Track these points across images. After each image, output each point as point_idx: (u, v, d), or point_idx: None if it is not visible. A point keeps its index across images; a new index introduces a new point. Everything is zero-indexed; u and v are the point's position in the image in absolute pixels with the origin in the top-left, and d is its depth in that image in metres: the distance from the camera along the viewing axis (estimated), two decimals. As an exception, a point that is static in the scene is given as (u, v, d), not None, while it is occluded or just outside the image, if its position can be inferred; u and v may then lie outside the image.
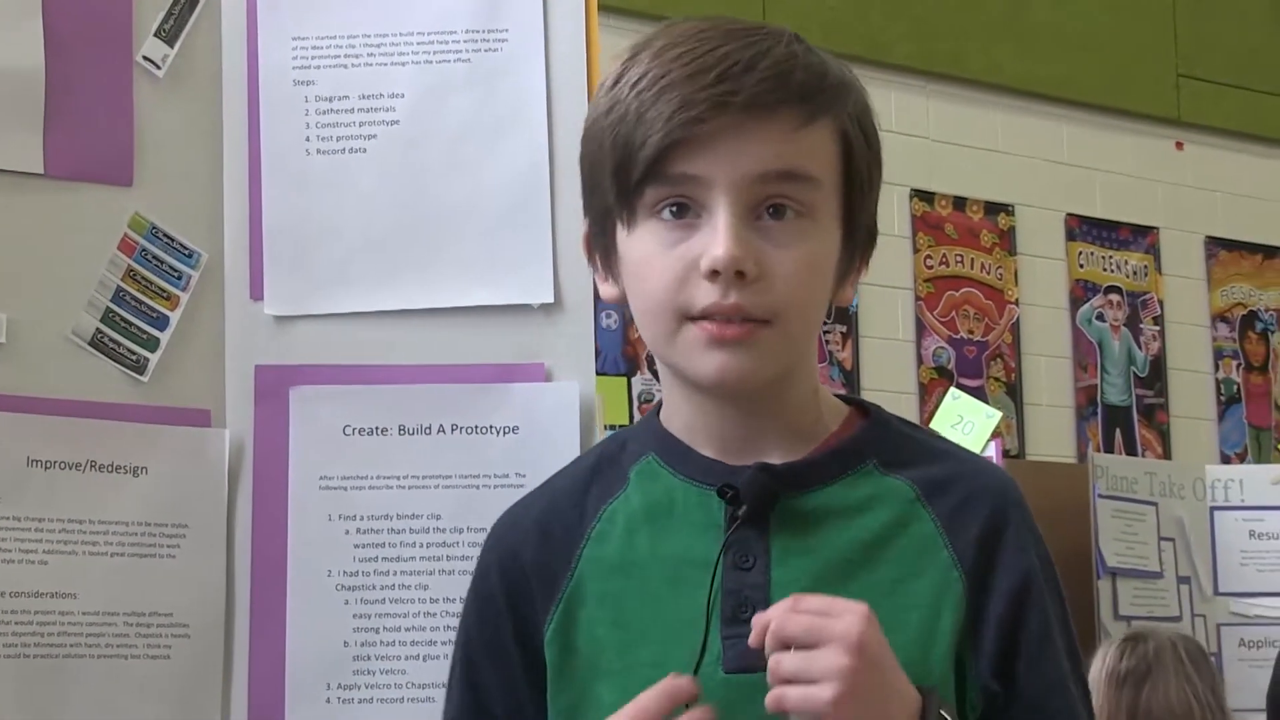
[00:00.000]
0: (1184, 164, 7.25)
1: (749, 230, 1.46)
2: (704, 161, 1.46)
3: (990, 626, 1.51)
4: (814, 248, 1.49)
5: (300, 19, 1.99)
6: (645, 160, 1.47)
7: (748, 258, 1.45)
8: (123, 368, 1.91)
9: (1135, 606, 5.12)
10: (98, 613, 1.86)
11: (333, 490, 1.93)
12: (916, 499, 1.54)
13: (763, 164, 1.47)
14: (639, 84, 1.49)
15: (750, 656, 1.45)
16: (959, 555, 1.51)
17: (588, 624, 1.55)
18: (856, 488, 1.54)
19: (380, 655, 1.90)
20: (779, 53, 1.48)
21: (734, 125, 1.46)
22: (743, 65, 1.46)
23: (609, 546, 1.57)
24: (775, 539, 1.51)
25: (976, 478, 1.57)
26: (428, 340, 1.95)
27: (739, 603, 1.49)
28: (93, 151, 1.92)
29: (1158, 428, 7.01)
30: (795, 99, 1.47)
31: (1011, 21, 6.80)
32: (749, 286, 1.46)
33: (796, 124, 1.48)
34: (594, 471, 1.62)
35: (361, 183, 1.97)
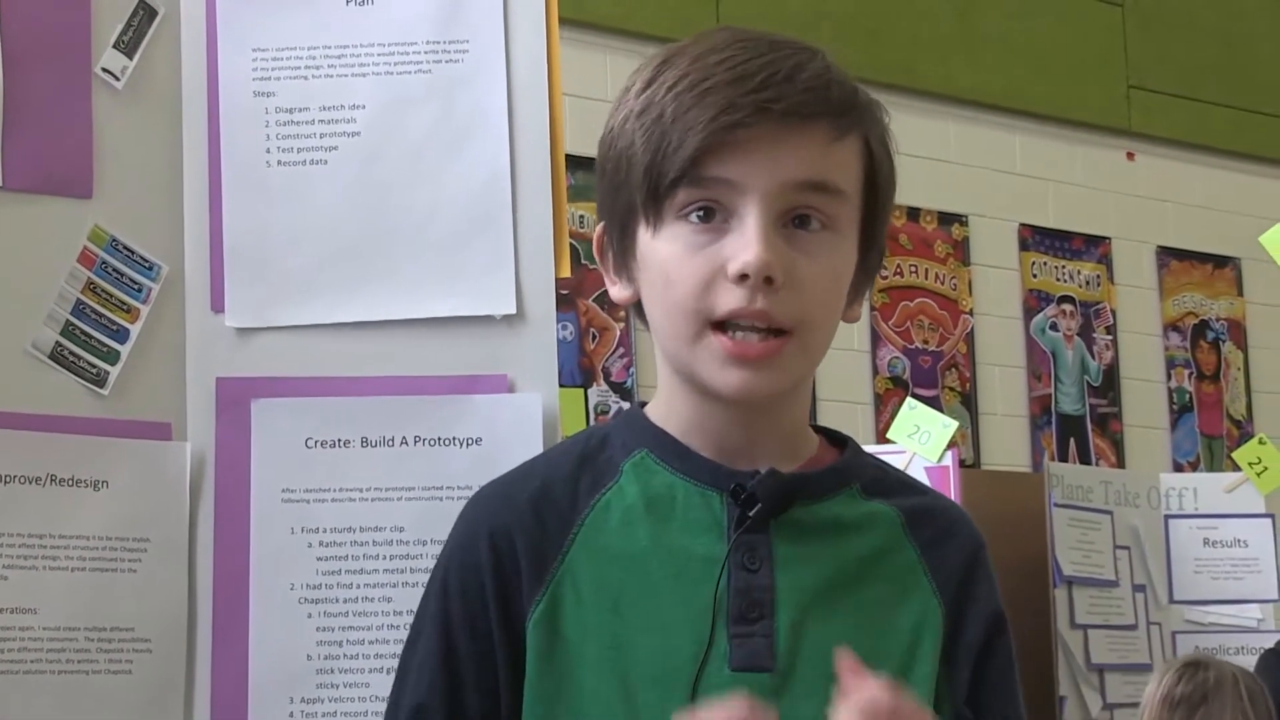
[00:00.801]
0: (1135, 174, 7.29)
1: (777, 237, 1.48)
2: (740, 166, 1.48)
3: (964, 655, 1.56)
4: (836, 260, 1.52)
5: (260, 30, 1.99)
6: (682, 160, 1.48)
7: (778, 264, 1.46)
8: (83, 381, 1.90)
9: (1091, 615, 5.14)
10: (59, 628, 1.85)
11: (295, 503, 1.92)
12: (901, 526, 1.57)
13: (796, 173, 1.48)
14: (676, 86, 1.50)
15: (757, 656, 1.49)
16: (939, 585, 1.56)
17: (577, 610, 1.54)
18: (852, 507, 1.57)
19: (344, 668, 1.90)
20: (816, 66, 1.51)
21: (773, 132, 1.48)
22: (784, 74, 1.48)
23: (605, 536, 1.56)
24: (777, 545, 1.53)
25: (950, 513, 1.63)
26: (390, 352, 1.95)
27: (748, 603, 1.51)
28: (52, 164, 1.91)
29: (1111, 437, 7.04)
30: (832, 112, 1.50)
31: (962, 33, 6.83)
32: (775, 294, 1.47)
33: (831, 137, 1.50)
34: (582, 460, 1.61)
35: (322, 194, 1.97)
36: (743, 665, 1.49)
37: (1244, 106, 7.50)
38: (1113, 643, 5.14)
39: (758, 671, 1.49)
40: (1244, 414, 7.43)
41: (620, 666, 1.52)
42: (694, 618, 1.51)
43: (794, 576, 1.52)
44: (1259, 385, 7.52)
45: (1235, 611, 5.25)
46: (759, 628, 1.50)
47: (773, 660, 1.49)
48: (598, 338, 5.70)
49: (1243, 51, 7.55)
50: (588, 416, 5.67)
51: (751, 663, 1.49)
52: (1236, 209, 7.37)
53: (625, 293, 1.58)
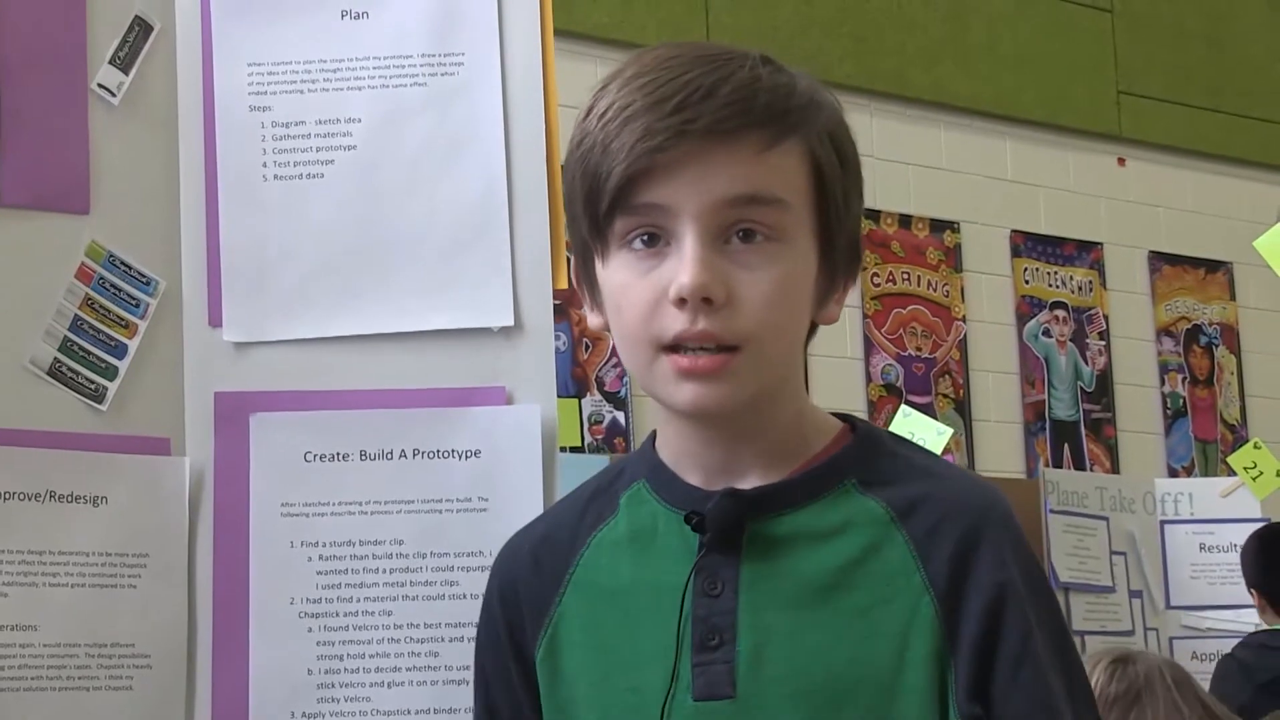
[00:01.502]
0: (1126, 180, 7.29)
1: (717, 255, 1.46)
2: (668, 190, 1.47)
3: (965, 649, 1.48)
4: (785, 270, 1.49)
5: (256, 44, 1.99)
6: (611, 191, 1.47)
7: (714, 283, 1.45)
8: (81, 397, 1.90)
9: (1088, 621, 5.14)
10: (59, 644, 1.84)
11: (294, 517, 1.92)
12: (890, 521, 1.51)
13: (727, 189, 1.46)
14: (605, 114, 1.49)
15: (716, 685, 1.47)
16: (931, 579, 1.49)
17: (571, 649, 1.57)
18: (832, 510, 1.53)
19: (345, 682, 1.89)
20: (742, 77, 1.48)
21: (696, 152, 1.46)
22: (703, 91, 1.46)
23: (596, 573, 1.58)
24: (745, 564, 1.51)
25: (951, 496, 1.53)
26: (388, 365, 1.95)
27: (708, 630, 1.50)
28: (48, 180, 1.91)
29: (1105, 442, 7.04)
30: (758, 122, 1.47)
31: (952, 41, 6.84)
32: (717, 313, 1.46)
33: (760, 147, 1.47)
34: (591, 498, 1.63)
35: (319, 208, 1.96)
36: (703, 695, 1.49)
37: (1234, 111, 7.51)
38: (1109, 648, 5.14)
39: (718, 700, 1.48)
40: (1238, 418, 7.44)
41: (605, 702, 1.54)
42: (663, 649, 1.50)
43: (760, 596, 1.50)
44: (1252, 390, 7.53)
45: (1232, 616, 5.25)
46: (720, 654, 1.49)
47: (732, 687, 1.48)
48: (591, 347, 5.71)
49: (1232, 56, 7.57)
50: (581, 427, 5.68)
51: (711, 691, 1.48)
52: (1228, 214, 7.38)
53: (599, 321, 1.59)
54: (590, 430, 5.68)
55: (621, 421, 5.72)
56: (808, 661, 1.48)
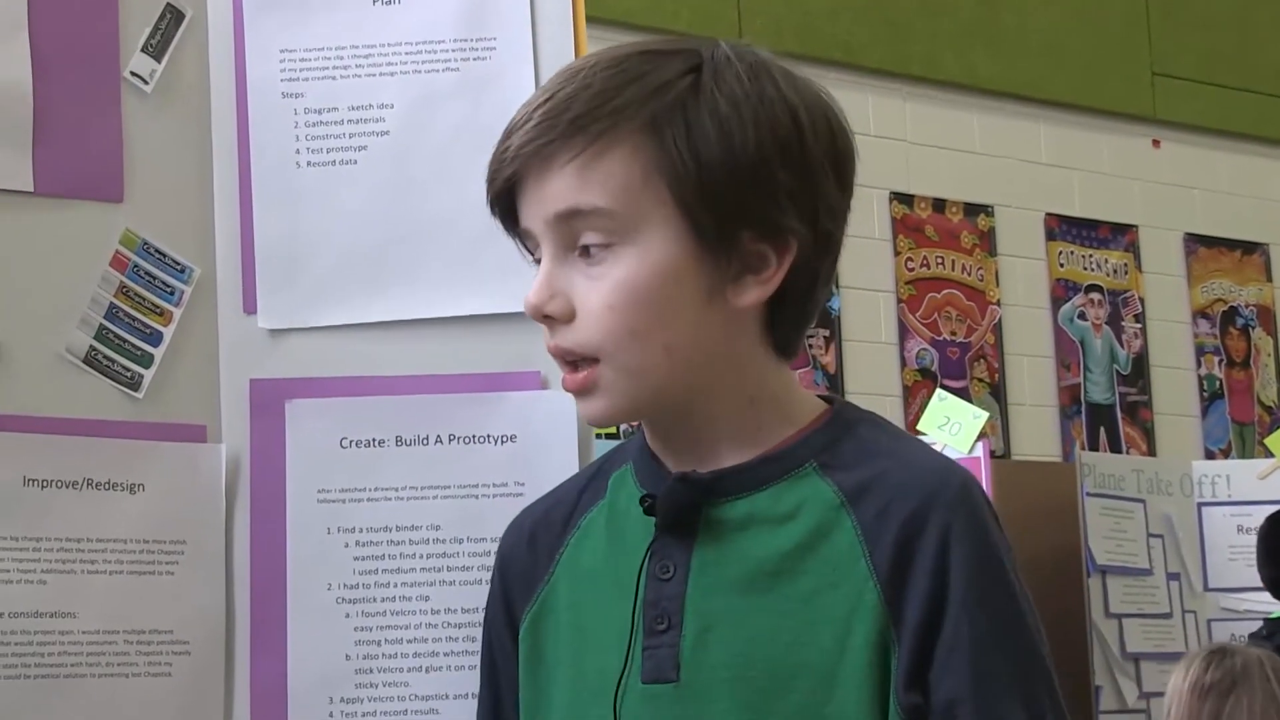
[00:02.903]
0: (1161, 162, 7.26)
1: (565, 269, 1.50)
2: (523, 213, 1.53)
3: (907, 637, 1.45)
4: (626, 274, 1.47)
5: (288, 31, 1.99)
6: (493, 216, 1.58)
7: (552, 300, 1.49)
8: (117, 385, 1.90)
9: (1125, 604, 5.13)
10: (97, 631, 1.85)
11: (331, 503, 1.92)
12: (841, 505, 1.49)
13: (549, 207, 1.50)
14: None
15: (661, 668, 1.49)
16: (875, 564, 1.46)
17: (554, 628, 1.60)
18: (788, 494, 1.51)
19: (383, 668, 1.89)
20: (565, 92, 1.49)
21: (522, 177, 1.51)
22: (522, 119, 1.51)
23: (580, 554, 1.61)
24: (698, 549, 1.51)
25: (902, 478, 1.50)
26: (422, 350, 1.95)
27: (657, 613, 1.51)
28: (82, 168, 1.91)
29: (1141, 425, 7.02)
30: (566, 137, 1.48)
31: (984, 24, 6.82)
32: (563, 328, 1.50)
33: (568, 160, 1.48)
34: (590, 479, 1.65)
35: (352, 194, 1.96)
36: (650, 678, 1.50)
37: (1269, 91, 7.47)
38: (1147, 632, 5.13)
39: (663, 683, 1.49)
40: (1275, 400, 7.41)
41: (575, 682, 1.56)
42: (622, 630, 1.52)
43: (709, 580, 1.50)
44: (1289, 371, 7.50)
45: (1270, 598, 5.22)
46: (666, 638, 1.50)
47: (676, 671, 1.48)
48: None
49: (1267, 36, 7.53)
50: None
51: (657, 674, 1.50)
52: (1264, 195, 7.35)
53: None
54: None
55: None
56: (749, 647, 1.48)
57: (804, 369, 6.05)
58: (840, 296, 6.27)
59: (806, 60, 1.51)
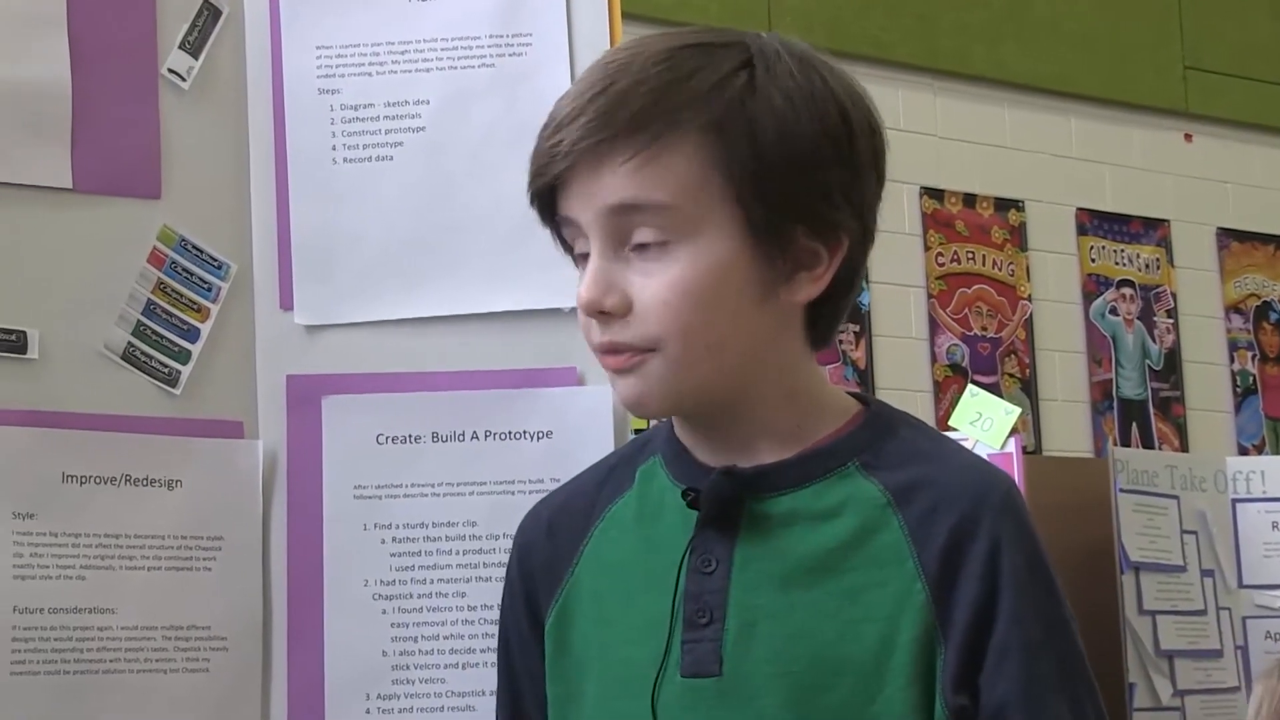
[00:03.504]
0: (1193, 156, 7.23)
1: (618, 264, 1.48)
2: (567, 204, 1.51)
3: (955, 638, 1.46)
4: (685, 269, 1.47)
5: (324, 28, 1.99)
6: (535, 210, 1.55)
7: (608, 295, 1.47)
8: (155, 381, 1.91)
9: (1159, 601, 5.09)
10: (136, 627, 1.86)
11: (367, 499, 1.92)
12: (887, 505, 1.50)
13: (604, 200, 1.48)
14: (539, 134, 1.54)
15: (703, 662, 1.48)
16: (924, 565, 1.47)
17: (580, 621, 1.59)
18: (831, 491, 1.51)
19: (419, 664, 1.90)
20: (619, 86, 1.47)
21: (574, 171, 1.48)
22: (574, 112, 1.48)
23: (605, 546, 1.60)
24: (740, 543, 1.51)
25: (949, 480, 1.51)
26: (459, 346, 1.95)
27: (698, 607, 1.50)
28: (120, 165, 1.92)
29: (1174, 421, 6.99)
30: (626, 131, 1.46)
31: (1014, 17, 6.79)
32: (617, 322, 1.48)
33: (630, 153, 1.46)
34: (610, 471, 1.65)
35: (388, 190, 1.97)
36: (690, 672, 1.49)
37: (1303, 85, 7.44)
38: (1181, 628, 5.09)
39: (704, 677, 1.48)
40: (1309, 395, 7.37)
41: (606, 674, 1.55)
42: (659, 623, 1.51)
43: (752, 575, 1.49)
44: (1323, 366, 7.46)
45: (1307, 595, 5.20)
46: (708, 632, 1.49)
47: (718, 665, 1.48)
48: (656, 330, 5.70)
49: (1300, 30, 7.49)
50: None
51: (698, 669, 1.49)
52: (1298, 189, 7.32)
53: None
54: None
55: (687, 404, 5.71)
56: (794, 642, 1.48)
57: (834, 365, 6.04)
58: (870, 292, 6.26)
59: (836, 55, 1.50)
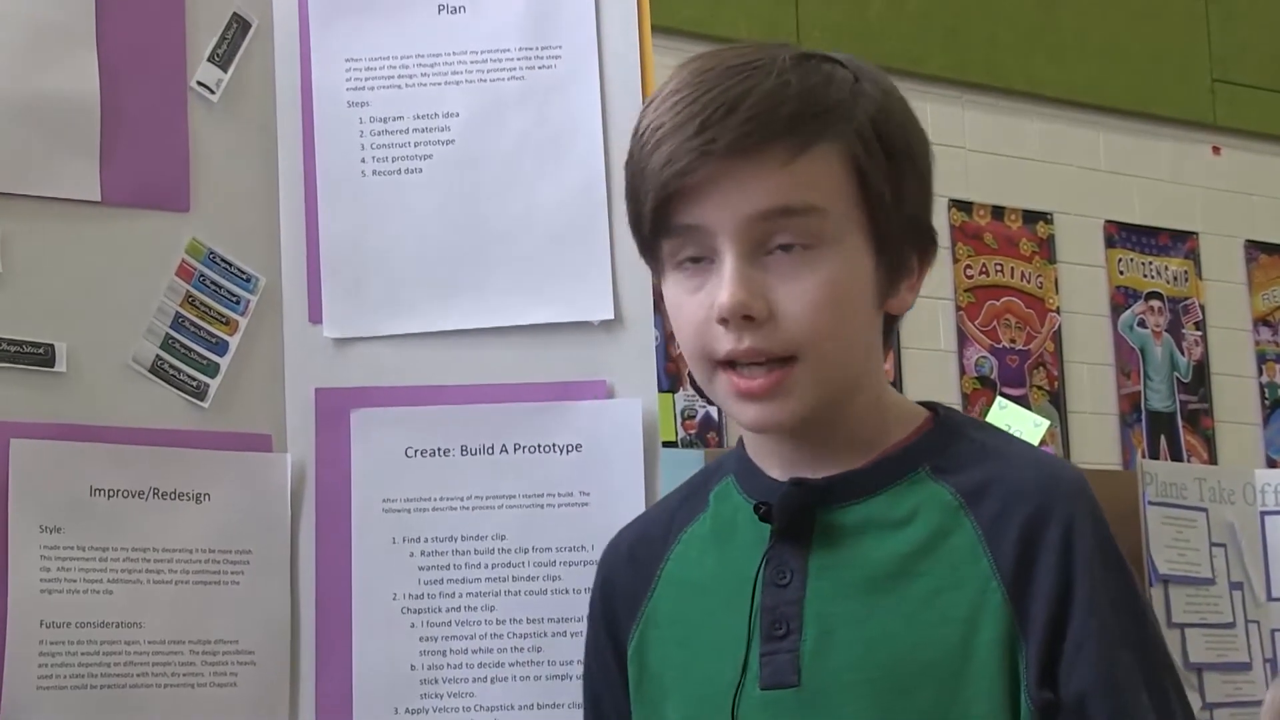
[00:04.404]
0: (1221, 168, 7.21)
1: (757, 270, 1.46)
2: (701, 210, 1.47)
3: (1035, 634, 1.45)
4: (830, 274, 1.47)
5: (353, 40, 1.99)
6: (650, 215, 1.50)
7: (754, 301, 1.45)
8: (183, 394, 1.91)
9: (1188, 614, 5.08)
10: (164, 641, 1.85)
11: (396, 513, 1.92)
12: (959, 507, 1.50)
13: (756, 204, 1.46)
14: (641, 137, 1.51)
15: (781, 673, 1.48)
16: (998, 564, 1.47)
17: (660, 643, 1.60)
18: (902, 498, 1.52)
19: (448, 678, 1.89)
20: (766, 87, 1.47)
21: (721, 171, 1.46)
22: (725, 109, 1.45)
23: (684, 567, 1.60)
24: (814, 554, 1.51)
25: (1018, 478, 1.50)
26: (488, 360, 1.94)
27: (774, 619, 1.51)
28: (149, 178, 1.92)
29: (1202, 433, 6.97)
30: (782, 133, 1.46)
31: (1044, 30, 6.78)
32: (762, 328, 1.46)
33: (786, 158, 1.46)
34: (686, 495, 1.66)
35: (418, 203, 1.96)
36: (769, 684, 1.49)
37: (1331, 97, 7.42)
38: (1210, 641, 5.07)
39: (784, 688, 1.48)
40: (1337, 408, 7.34)
41: (688, 692, 1.55)
42: (737, 638, 1.51)
43: (827, 584, 1.50)
44: (1352, 379, 7.43)
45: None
46: (785, 644, 1.49)
47: (797, 675, 1.48)
48: (683, 343, 5.69)
49: (1329, 42, 7.47)
50: (675, 421, 5.66)
51: (777, 680, 1.49)
52: (1326, 201, 7.29)
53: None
54: (683, 425, 5.67)
55: (715, 416, 5.70)
56: (873, 649, 1.48)
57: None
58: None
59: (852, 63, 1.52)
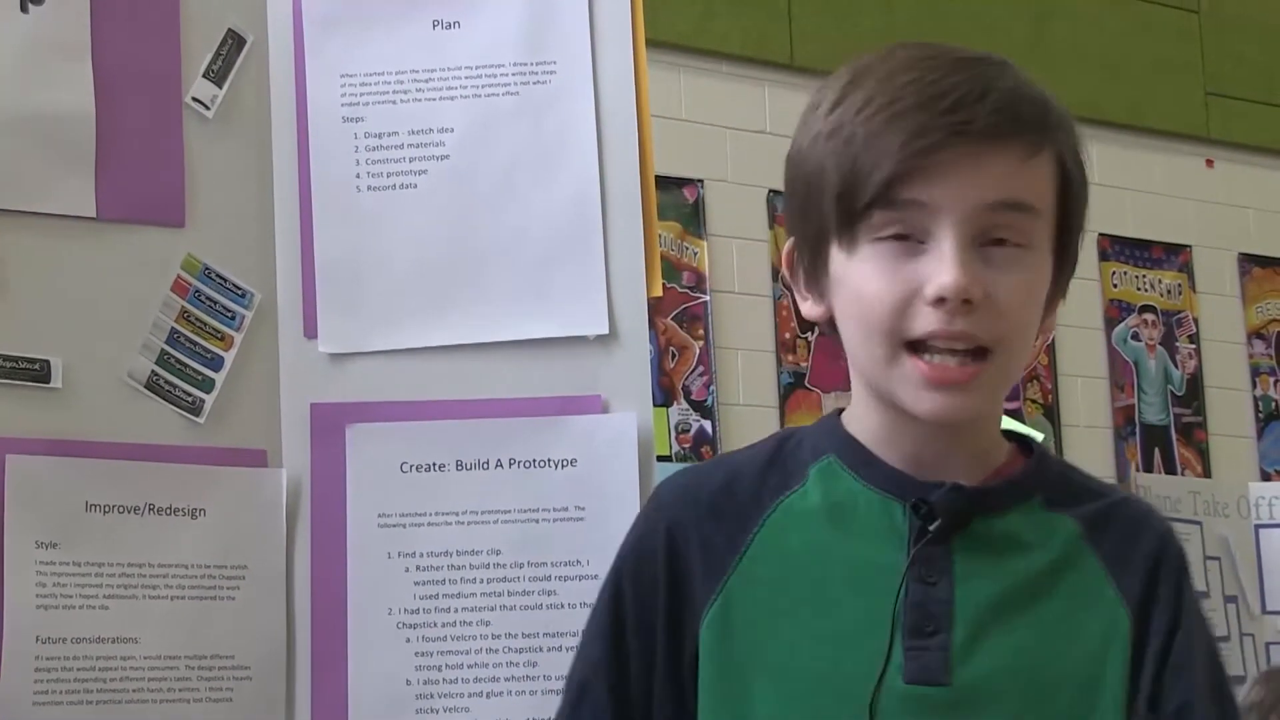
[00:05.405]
0: (1215, 181, 7.22)
1: (973, 258, 1.48)
2: (934, 189, 1.48)
3: (1150, 659, 1.53)
4: (1031, 277, 1.51)
5: (348, 56, 1.99)
6: (876, 185, 1.48)
7: (975, 285, 1.47)
8: (178, 409, 1.91)
9: (1182, 627, 5.09)
10: (159, 656, 1.85)
11: (391, 528, 1.92)
12: (1080, 537, 1.56)
13: (992, 193, 1.48)
14: (865, 109, 1.50)
15: (931, 670, 1.49)
16: (1125, 593, 1.54)
17: (752, 610, 1.55)
18: (1028, 520, 1.56)
19: (443, 693, 1.89)
20: (1006, 82, 1.51)
21: (967, 154, 1.48)
22: (975, 95, 1.48)
23: (786, 538, 1.57)
24: (958, 559, 1.53)
25: (1134, 515, 1.60)
26: (483, 374, 1.95)
27: (923, 616, 1.51)
28: (144, 194, 1.92)
29: (1196, 446, 6.97)
30: (1024, 130, 1.50)
31: (1036, 43, 6.79)
32: (973, 314, 1.47)
33: (1025, 155, 1.50)
34: (771, 461, 1.61)
35: (413, 218, 1.97)
36: (915, 679, 1.50)
37: (1324, 111, 7.43)
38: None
39: (932, 685, 1.49)
40: (1331, 421, 7.35)
41: (795, 672, 1.53)
42: (869, 628, 1.51)
43: (972, 591, 1.52)
44: (1345, 392, 7.44)
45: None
46: (934, 642, 1.50)
47: (947, 675, 1.50)
48: (677, 356, 5.69)
49: (1321, 55, 7.48)
50: (669, 436, 5.66)
51: (925, 676, 1.50)
52: (1319, 214, 7.30)
53: (817, 309, 1.59)
54: (678, 439, 5.67)
55: (709, 430, 5.70)
56: (1016, 658, 1.51)
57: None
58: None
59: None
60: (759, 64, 5.91)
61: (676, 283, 5.61)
